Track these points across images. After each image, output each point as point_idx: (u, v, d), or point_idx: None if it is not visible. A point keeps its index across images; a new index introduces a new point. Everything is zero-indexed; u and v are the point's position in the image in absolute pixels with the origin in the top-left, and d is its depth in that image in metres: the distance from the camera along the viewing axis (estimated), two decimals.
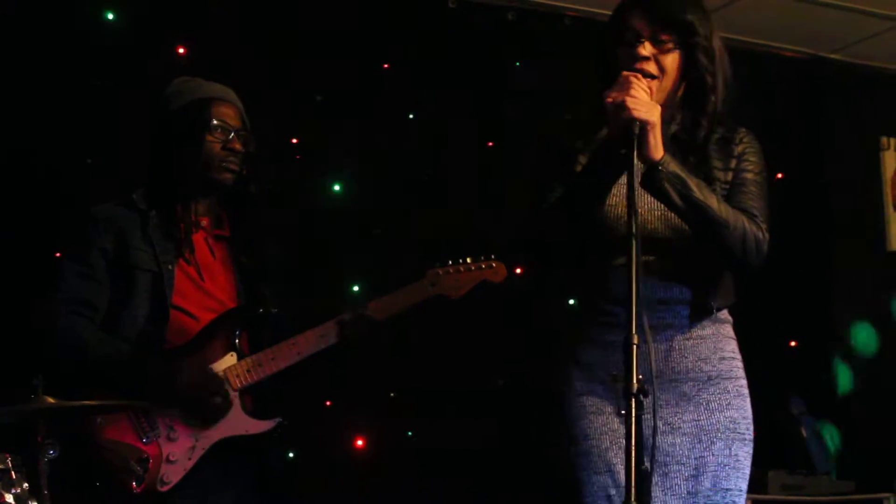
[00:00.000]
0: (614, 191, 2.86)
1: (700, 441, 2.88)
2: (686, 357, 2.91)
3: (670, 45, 2.88)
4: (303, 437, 4.74)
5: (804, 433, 5.70)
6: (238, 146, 3.52)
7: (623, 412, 2.68)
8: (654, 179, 2.76)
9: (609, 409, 2.89)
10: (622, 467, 2.73)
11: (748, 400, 2.97)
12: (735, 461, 2.90)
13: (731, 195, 2.94)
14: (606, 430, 2.88)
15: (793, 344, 6.15)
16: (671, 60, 2.88)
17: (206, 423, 3.35)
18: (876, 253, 6.49)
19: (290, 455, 4.82)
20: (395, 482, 4.99)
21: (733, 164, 2.99)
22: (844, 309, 6.30)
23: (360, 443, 5.06)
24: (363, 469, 5.01)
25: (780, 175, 6.25)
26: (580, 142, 2.97)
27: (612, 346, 2.83)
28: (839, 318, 6.29)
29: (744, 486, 2.92)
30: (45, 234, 4.24)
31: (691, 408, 2.88)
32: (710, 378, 2.92)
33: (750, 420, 2.95)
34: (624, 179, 2.72)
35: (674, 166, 2.77)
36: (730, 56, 3.11)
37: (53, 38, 4.57)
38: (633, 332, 2.48)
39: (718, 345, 2.95)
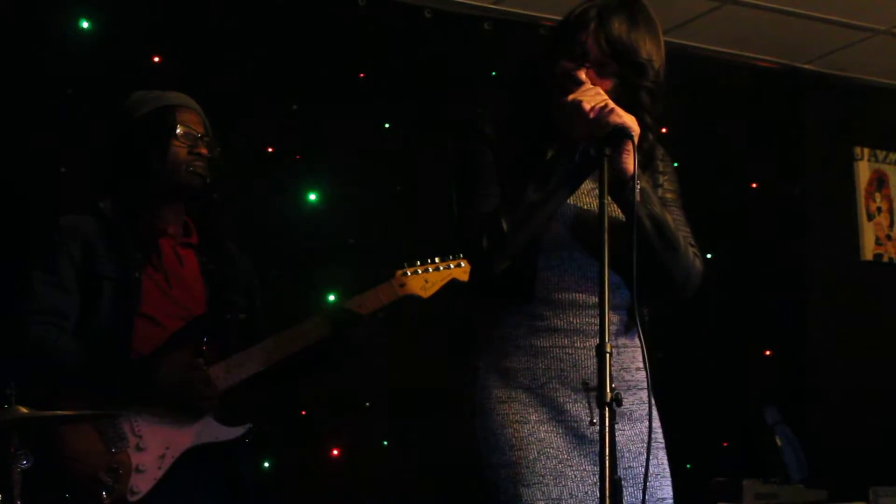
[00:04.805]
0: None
1: (629, 451, 2.81)
2: (612, 365, 2.73)
3: (612, 76, 2.75)
4: (278, 447, 4.73)
5: (779, 442, 5.71)
6: (204, 151, 3.53)
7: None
8: (626, 191, 2.63)
9: (533, 417, 2.78)
10: (552, 479, 2.73)
11: (656, 409, 2.90)
12: (663, 470, 2.88)
13: None
14: (533, 439, 2.76)
15: (767, 353, 6.17)
16: (604, 87, 2.72)
17: (190, 420, 3.34)
18: (850, 262, 6.53)
19: (266, 465, 4.80)
20: (371, 492, 4.98)
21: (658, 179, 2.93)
22: (819, 318, 6.33)
23: (335, 452, 5.05)
24: (339, 479, 4.99)
25: (755, 184, 6.30)
26: (508, 143, 2.84)
27: (540, 352, 2.80)
28: (814, 327, 6.31)
29: (671, 493, 2.89)
30: (17, 243, 4.21)
31: (616, 417, 2.70)
32: (629, 387, 2.85)
33: (661, 429, 2.91)
34: None
35: (644, 181, 2.74)
36: (705, 66, 3.06)
37: (27, 45, 4.55)
38: (606, 339, 2.40)
39: (636, 354, 2.89)
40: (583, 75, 2.74)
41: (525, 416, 2.79)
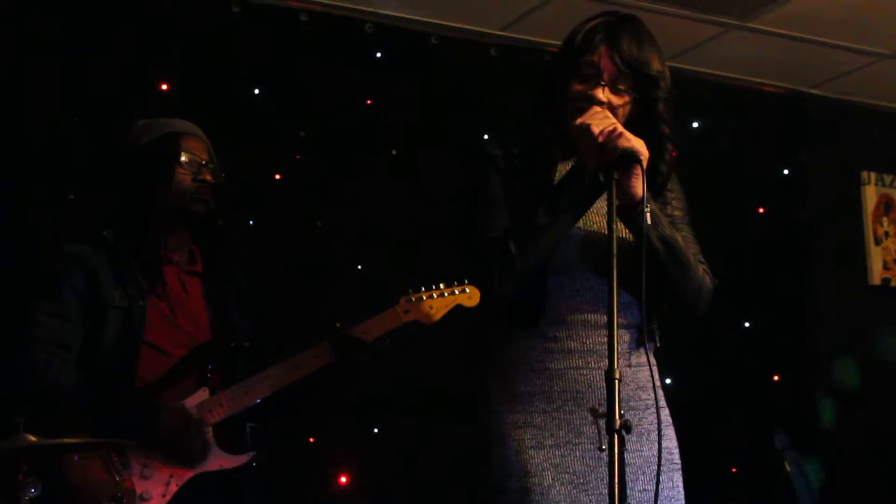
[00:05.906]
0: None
1: (644, 472, 2.80)
2: (627, 385, 2.80)
3: (627, 92, 2.78)
4: (284, 474, 4.71)
5: (788, 468, 5.69)
6: (209, 177, 3.54)
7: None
8: (636, 214, 2.64)
9: (549, 442, 2.78)
10: None
11: (673, 429, 2.93)
12: (677, 492, 2.87)
13: None
14: (548, 465, 2.76)
15: (776, 378, 6.15)
16: (622, 106, 2.78)
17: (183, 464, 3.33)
18: (857, 287, 6.51)
19: (272, 492, 4.77)
20: None
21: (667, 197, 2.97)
22: (827, 343, 6.31)
23: (343, 479, 5.03)
24: None
25: (761, 209, 6.29)
26: (518, 166, 2.87)
27: (555, 375, 2.80)
28: (822, 352, 6.29)
29: None
30: (20, 272, 4.20)
31: (633, 437, 2.76)
32: (647, 407, 2.86)
33: (678, 449, 2.91)
34: None
35: (653, 204, 2.74)
36: (712, 91, 3.06)
37: (34, 72, 4.55)
38: (616, 365, 2.35)
39: (652, 373, 2.85)
40: (601, 94, 2.76)
41: (540, 441, 2.79)
